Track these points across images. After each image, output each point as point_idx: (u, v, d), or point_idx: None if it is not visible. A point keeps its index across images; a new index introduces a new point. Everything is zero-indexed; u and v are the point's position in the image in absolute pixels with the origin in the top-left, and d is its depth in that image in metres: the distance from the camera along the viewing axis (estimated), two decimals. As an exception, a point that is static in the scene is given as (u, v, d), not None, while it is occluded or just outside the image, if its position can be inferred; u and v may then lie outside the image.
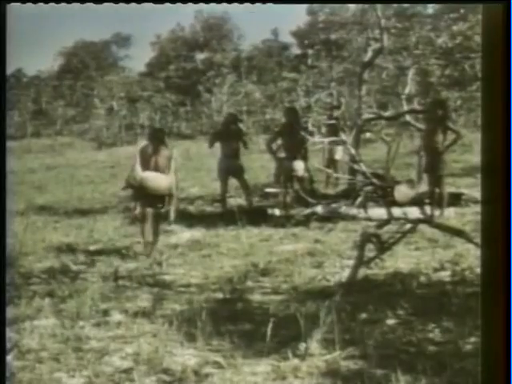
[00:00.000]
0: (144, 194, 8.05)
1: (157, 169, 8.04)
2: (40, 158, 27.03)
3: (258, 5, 3.51)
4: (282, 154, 10.77)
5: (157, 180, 8.00)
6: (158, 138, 8.35)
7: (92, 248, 8.41)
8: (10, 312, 5.45)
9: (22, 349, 4.66)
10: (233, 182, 11.38)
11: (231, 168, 10.90)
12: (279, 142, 10.94)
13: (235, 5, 3.52)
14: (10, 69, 47.21)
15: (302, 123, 11.73)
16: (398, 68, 14.65)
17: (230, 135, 10.94)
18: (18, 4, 3.44)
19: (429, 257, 7.13)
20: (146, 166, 8.01)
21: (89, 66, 51.21)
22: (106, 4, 3.49)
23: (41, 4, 3.43)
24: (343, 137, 8.62)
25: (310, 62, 34.03)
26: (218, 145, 11.08)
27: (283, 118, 11.80)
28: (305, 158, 10.67)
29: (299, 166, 10.50)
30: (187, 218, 10.33)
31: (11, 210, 11.09)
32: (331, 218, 9.43)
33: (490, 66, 3.23)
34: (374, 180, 6.85)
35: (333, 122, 14.26)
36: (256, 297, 5.89)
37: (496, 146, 3.17)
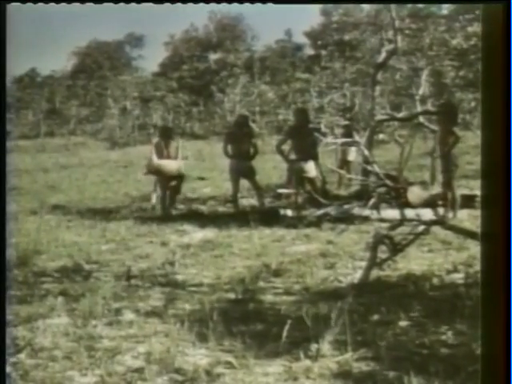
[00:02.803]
0: (161, 176, 11.17)
1: (168, 157, 11.07)
2: (53, 157, 27.13)
3: (271, 5, 3.50)
4: (293, 156, 10.77)
5: (169, 165, 11.05)
6: (167, 134, 11.48)
7: (104, 247, 8.43)
8: (24, 310, 5.48)
9: (35, 347, 4.67)
10: (245, 183, 11.39)
11: (242, 169, 10.91)
12: (290, 143, 10.95)
13: (249, 5, 3.51)
14: (23, 68, 47.48)
15: (312, 124, 11.72)
16: (411, 69, 14.61)
17: (240, 136, 10.94)
18: (31, 4, 3.44)
19: (442, 259, 7.11)
20: (160, 155, 11.02)
21: (102, 65, 51.39)
22: (119, 4, 3.49)
23: (53, 4, 3.43)
24: (356, 138, 8.61)
25: (323, 62, 33.94)
26: (229, 146, 11.09)
27: (294, 119, 11.78)
28: (316, 160, 10.66)
29: (310, 167, 10.50)
30: (200, 218, 10.37)
31: (25, 208, 11.18)
32: (344, 219, 9.39)
33: (490, 66, 3.24)
34: (387, 181, 6.85)
35: (346, 122, 14.25)
36: (268, 297, 5.89)
37: (496, 148, 3.18)
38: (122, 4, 3.47)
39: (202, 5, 3.54)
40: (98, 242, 8.72)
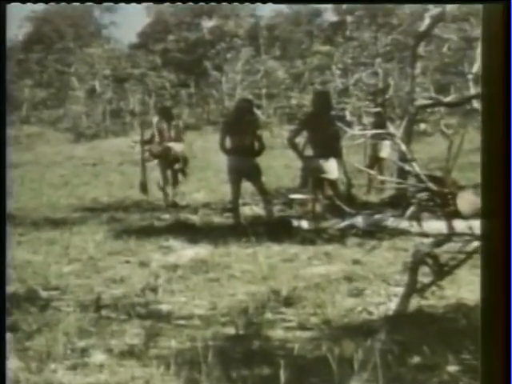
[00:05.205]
0: (165, 160, 12.98)
1: (171, 139, 13.06)
2: (1, 152, 27.19)
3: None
4: (310, 151, 10.77)
5: (174, 148, 12.98)
6: (167, 114, 13.54)
7: (67, 269, 8.44)
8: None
9: (-22, 397, 4.69)
10: (248, 186, 11.40)
11: (244, 169, 10.91)
12: (306, 135, 10.95)
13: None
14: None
15: (334, 111, 11.74)
16: (463, 39, 14.61)
17: (242, 127, 10.95)
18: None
19: (501, 284, 7.10)
20: (162, 138, 13.04)
21: (64, 35, 51.48)
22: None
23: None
24: (391, 129, 8.59)
25: (348, 31, 34.01)
26: (228, 139, 11.11)
27: (311, 104, 11.81)
28: (339, 156, 10.67)
29: (332, 166, 10.50)
30: (190, 232, 10.39)
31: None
32: (374, 232, 9.42)
33: (490, 67, 3.77)
34: (431, 184, 6.86)
35: (377, 109, 14.28)
36: (278, 333, 5.90)
37: (496, 148, 3.66)
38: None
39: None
40: (59, 262, 8.74)
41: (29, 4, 3.79)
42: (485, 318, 3.58)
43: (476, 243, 6.43)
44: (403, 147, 7.56)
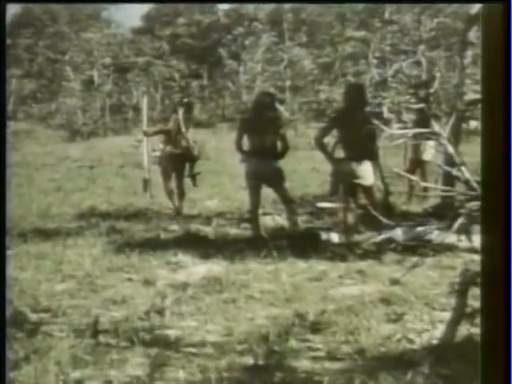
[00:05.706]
0: (177, 160, 13.23)
1: (183, 138, 13.23)
2: (-16, 152, 27.31)
3: None
4: (341, 153, 10.76)
5: (184, 148, 13.21)
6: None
7: (60, 288, 8.46)
8: None
9: None
10: (269, 193, 11.40)
11: (265, 172, 10.92)
12: (336, 134, 10.94)
13: None
14: None
15: (370, 106, 11.73)
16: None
17: (262, 125, 10.96)
18: None
19: None
20: (175, 135, 13.19)
21: (57, 17, 51.62)
22: None
23: None
24: (436, 127, 8.56)
25: (387, 14, 33.96)
26: (246, 138, 11.12)
27: (343, 99, 11.80)
28: (375, 159, 10.65)
29: (366, 170, 10.49)
30: (202, 245, 10.38)
31: None
32: (416, 247, 9.38)
33: (490, 67, 4.19)
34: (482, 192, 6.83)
35: (420, 105, 14.24)
36: (303, 364, 5.90)
37: (496, 150, 4.07)
38: None
39: None
40: (50, 280, 8.76)
41: (17, -21, 3.91)
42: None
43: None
44: (450, 149, 7.52)
